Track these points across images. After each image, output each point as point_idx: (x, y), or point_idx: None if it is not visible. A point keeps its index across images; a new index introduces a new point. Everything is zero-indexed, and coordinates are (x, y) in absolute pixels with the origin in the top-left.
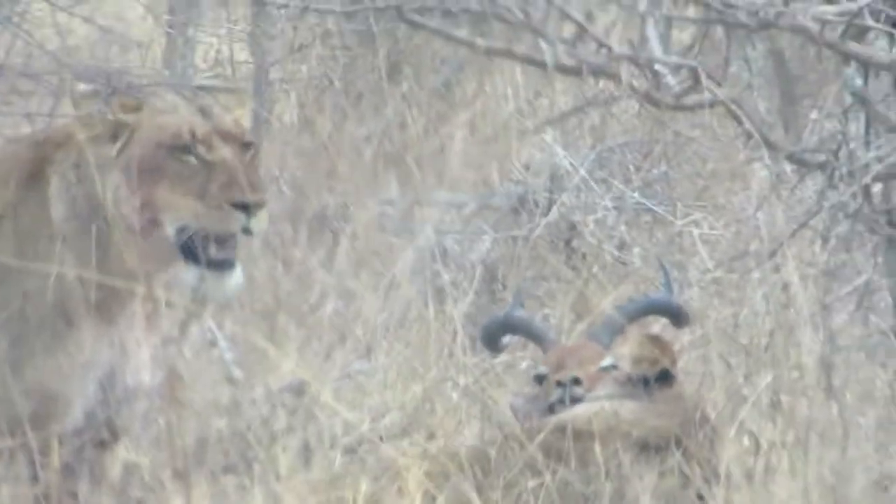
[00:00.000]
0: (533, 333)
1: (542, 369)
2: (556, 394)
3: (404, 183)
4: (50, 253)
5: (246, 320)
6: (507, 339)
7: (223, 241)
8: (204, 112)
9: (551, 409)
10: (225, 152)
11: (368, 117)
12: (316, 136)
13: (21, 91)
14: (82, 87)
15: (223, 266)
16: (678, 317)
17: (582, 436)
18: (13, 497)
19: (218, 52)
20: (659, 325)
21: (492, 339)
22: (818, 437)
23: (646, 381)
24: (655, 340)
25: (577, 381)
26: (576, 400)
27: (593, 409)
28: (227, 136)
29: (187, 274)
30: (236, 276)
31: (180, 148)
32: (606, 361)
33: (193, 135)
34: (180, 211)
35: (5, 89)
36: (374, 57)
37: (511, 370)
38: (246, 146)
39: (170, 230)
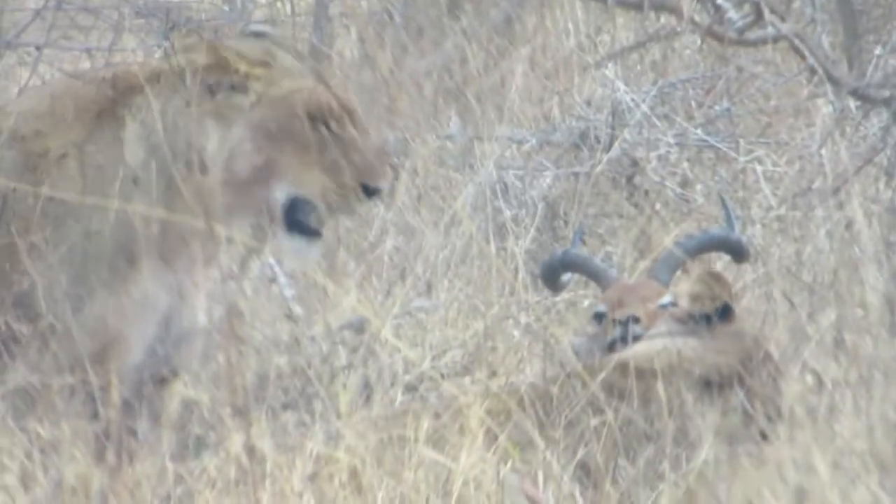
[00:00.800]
0: (592, 271)
1: (601, 307)
2: (614, 332)
3: (465, 118)
4: (120, 193)
5: None
6: (566, 277)
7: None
8: (319, 76)
9: (611, 348)
10: (354, 131)
11: (428, 52)
12: (376, 71)
13: (80, 26)
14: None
15: (315, 235)
16: (739, 252)
17: (644, 374)
18: (74, 433)
19: None
20: (721, 262)
21: (551, 277)
22: (882, 375)
23: (706, 318)
24: (714, 277)
25: (635, 320)
26: (635, 338)
27: (654, 347)
28: (351, 112)
29: (286, 240)
30: (322, 245)
31: (319, 118)
32: (665, 299)
33: (329, 108)
34: (305, 182)
35: (65, 24)
36: None
37: (573, 308)
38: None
39: (281, 196)
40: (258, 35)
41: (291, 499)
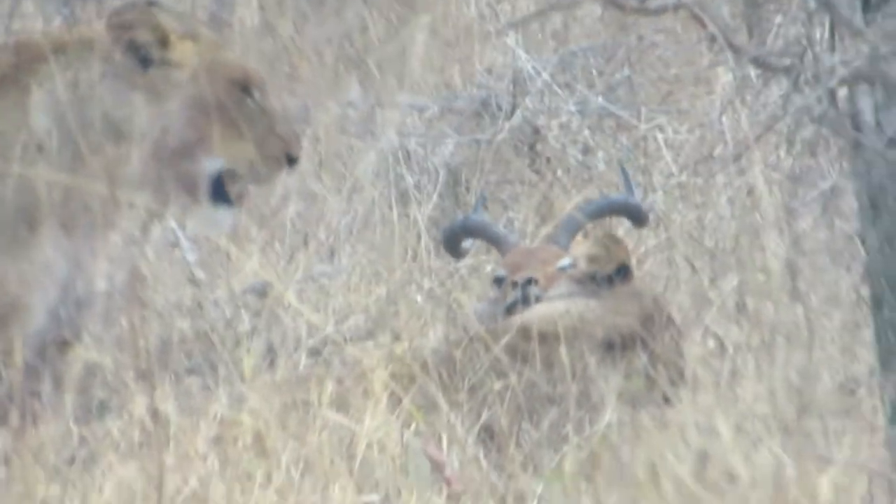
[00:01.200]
0: (492, 237)
1: (501, 272)
2: (514, 295)
3: (366, 85)
4: (22, 159)
5: None
6: (468, 243)
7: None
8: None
9: (510, 311)
10: (274, 101)
11: (329, 20)
12: (277, 39)
13: None
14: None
15: (234, 205)
16: (637, 216)
17: (546, 337)
18: None
19: None
20: (622, 228)
21: (452, 243)
22: (784, 339)
23: (606, 278)
24: (612, 238)
25: (534, 282)
26: (535, 299)
27: (555, 309)
28: (264, 84)
29: (207, 209)
30: (238, 213)
31: (246, 90)
32: (564, 262)
33: (257, 79)
34: (234, 154)
35: None
36: None
37: (476, 273)
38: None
39: (210, 168)
40: (152, 4)
41: (195, 461)
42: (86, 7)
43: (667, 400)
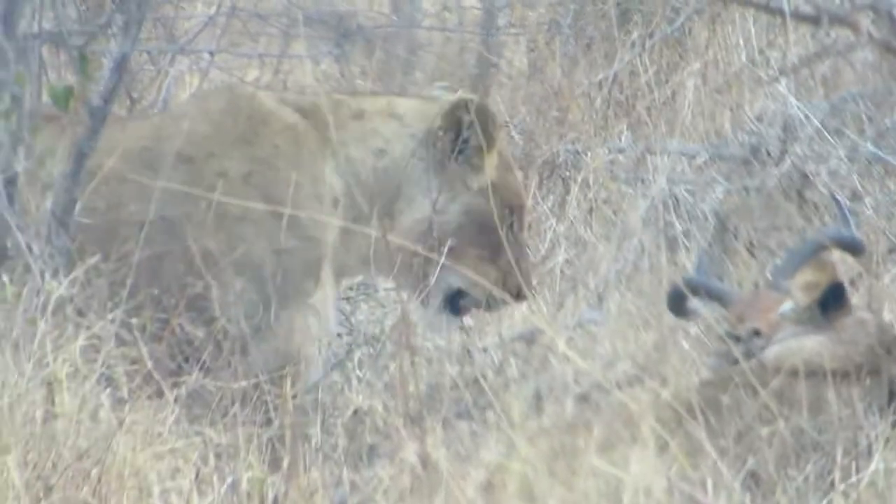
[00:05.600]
0: (714, 293)
1: (727, 327)
2: (738, 349)
3: (635, 131)
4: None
5: None
6: (694, 304)
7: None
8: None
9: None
10: (521, 236)
11: (599, 64)
12: (545, 82)
13: (251, 32)
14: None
15: (460, 316)
16: (853, 247)
17: (781, 373)
18: (248, 438)
19: None
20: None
21: (677, 306)
22: None
23: (822, 308)
24: (819, 262)
25: (756, 333)
26: (758, 351)
27: (785, 347)
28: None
29: (432, 312)
30: (458, 323)
31: (513, 217)
32: (786, 307)
33: (524, 209)
34: (479, 276)
35: (236, 30)
36: (604, 3)
37: None
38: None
39: (449, 283)
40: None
41: None
42: (355, 48)
43: None
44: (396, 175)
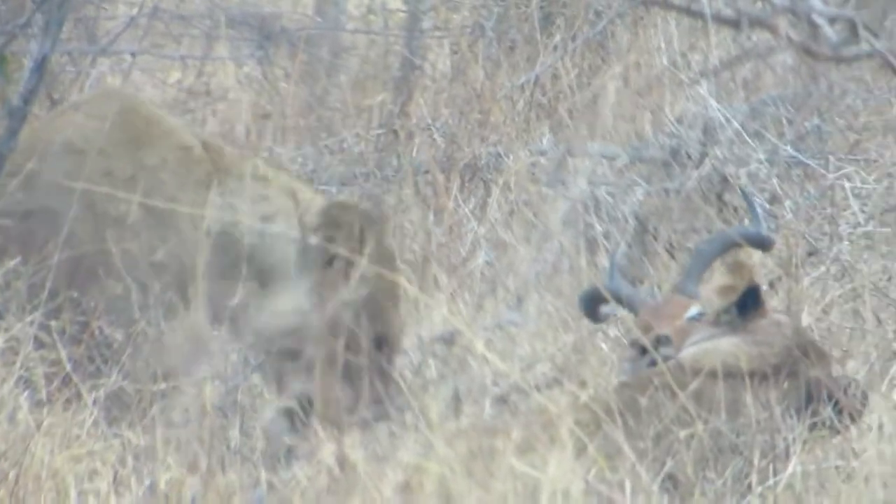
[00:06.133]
0: (624, 300)
1: (636, 335)
2: (646, 358)
3: (557, 133)
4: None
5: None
6: (606, 309)
7: None
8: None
9: None
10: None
11: (521, 67)
12: (468, 84)
13: (174, 34)
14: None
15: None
16: (760, 243)
17: (697, 374)
18: (167, 440)
19: None
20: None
21: (589, 310)
22: None
23: (738, 310)
24: (735, 264)
25: (660, 340)
26: (666, 359)
27: (700, 349)
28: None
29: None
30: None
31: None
32: (692, 312)
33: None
34: (319, 391)
35: (158, 32)
36: (527, 6)
37: None
38: None
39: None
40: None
41: None
42: (278, 50)
43: (837, 431)
44: (273, 253)
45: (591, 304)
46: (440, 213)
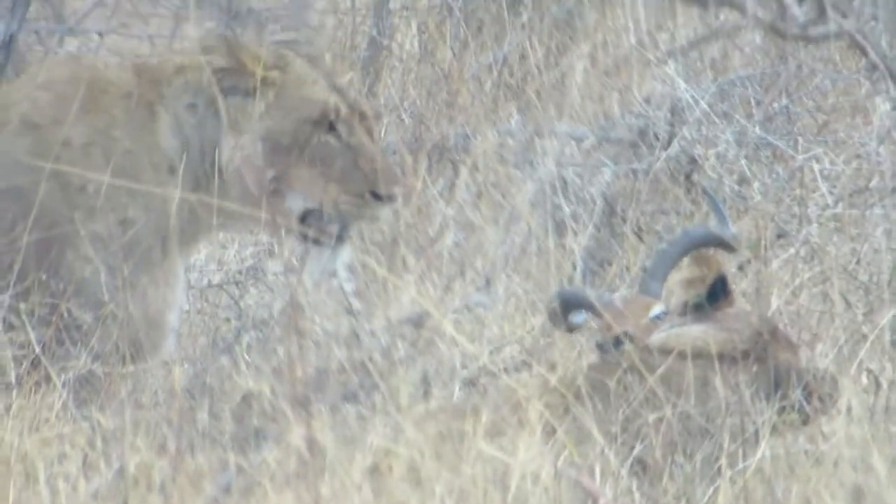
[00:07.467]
0: (589, 304)
1: (600, 337)
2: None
3: (524, 114)
4: (155, 181)
5: (366, 251)
6: (574, 315)
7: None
8: (332, 82)
9: None
10: (365, 137)
11: (489, 47)
12: (436, 65)
13: (141, 14)
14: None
15: (330, 245)
16: (725, 244)
17: (667, 357)
18: (136, 423)
19: None
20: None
21: (556, 320)
22: None
23: (710, 299)
24: (701, 258)
25: (628, 338)
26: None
27: (669, 333)
28: (364, 117)
29: (303, 251)
30: (348, 252)
31: (325, 126)
32: (655, 311)
33: (338, 114)
34: (316, 193)
35: (126, 11)
36: None
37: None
38: (376, 127)
39: (295, 207)
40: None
41: (350, 491)
42: (246, 29)
43: (805, 421)
44: (206, 130)
45: (556, 314)
46: (408, 195)
